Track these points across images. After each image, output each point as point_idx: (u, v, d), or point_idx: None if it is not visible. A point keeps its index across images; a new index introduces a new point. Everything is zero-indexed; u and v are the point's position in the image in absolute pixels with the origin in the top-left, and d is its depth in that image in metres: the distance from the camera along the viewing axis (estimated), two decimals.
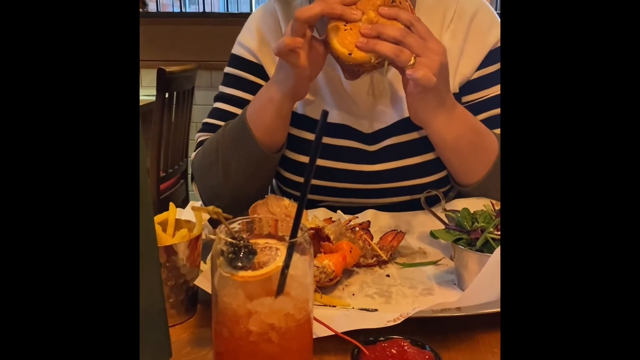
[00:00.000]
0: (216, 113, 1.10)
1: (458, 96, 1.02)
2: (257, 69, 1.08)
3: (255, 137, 0.95)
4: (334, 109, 1.03)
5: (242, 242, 0.50)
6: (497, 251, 0.66)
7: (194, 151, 1.10)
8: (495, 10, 3.19)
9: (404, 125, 1.01)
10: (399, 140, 1.02)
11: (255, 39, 1.07)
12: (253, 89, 1.06)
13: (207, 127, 1.10)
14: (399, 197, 1.05)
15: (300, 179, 1.06)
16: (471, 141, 0.93)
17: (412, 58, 0.82)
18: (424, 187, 1.00)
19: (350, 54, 0.84)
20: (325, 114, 0.50)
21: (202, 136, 1.10)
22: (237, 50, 1.10)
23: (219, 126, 1.06)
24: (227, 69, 1.11)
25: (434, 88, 0.84)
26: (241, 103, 1.07)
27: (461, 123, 0.91)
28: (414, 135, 1.01)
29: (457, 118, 0.91)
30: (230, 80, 1.10)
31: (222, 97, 1.10)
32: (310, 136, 1.04)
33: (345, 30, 0.84)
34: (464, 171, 0.96)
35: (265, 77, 1.07)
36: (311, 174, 0.52)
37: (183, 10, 3.94)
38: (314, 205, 1.06)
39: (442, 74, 0.84)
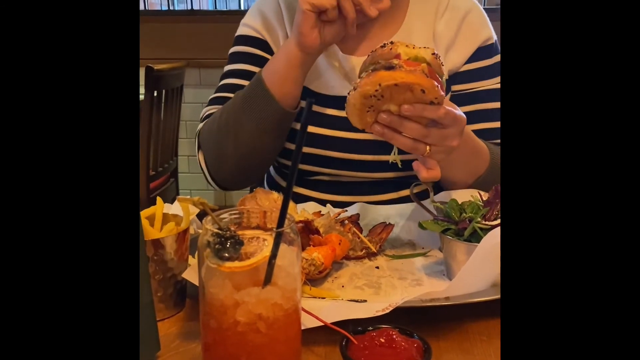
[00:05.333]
0: (224, 87, 1.11)
1: (448, 83, 1.05)
2: (263, 44, 1.11)
3: (268, 87, 0.96)
4: (336, 82, 1.06)
5: (228, 232, 0.50)
6: (484, 240, 0.66)
7: (201, 123, 1.10)
8: (483, 5, 3.17)
9: None
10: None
11: (259, 20, 1.11)
12: (260, 62, 1.07)
13: (215, 101, 1.11)
14: (387, 173, 1.07)
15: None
16: (465, 162, 0.94)
17: (428, 149, 0.79)
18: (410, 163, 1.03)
19: (364, 130, 0.81)
20: (310, 102, 0.50)
21: (210, 110, 1.10)
22: (241, 30, 1.14)
23: (228, 98, 1.06)
24: (232, 49, 1.14)
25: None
26: (249, 75, 1.07)
27: (460, 152, 0.88)
28: None
29: (458, 150, 0.87)
30: (236, 57, 1.12)
31: (228, 73, 1.12)
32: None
33: (367, 112, 0.78)
34: (452, 182, 0.99)
35: (270, 52, 1.10)
36: (297, 163, 0.52)
37: (171, 8, 3.91)
38: (306, 176, 1.09)
39: (450, 153, 0.82)
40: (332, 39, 0.94)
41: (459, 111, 0.80)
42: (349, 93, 0.78)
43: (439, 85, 0.74)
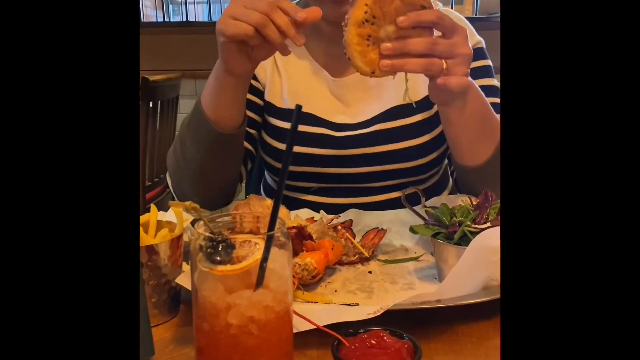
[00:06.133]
0: None
1: None
2: None
3: (204, 109, 0.93)
4: (327, 104, 1.08)
5: (220, 236, 0.51)
6: (473, 243, 0.68)
7: None
8: (475, 15, 3.18)
9: (388, 114, 1.05)
10: (384, 127, 1.05)
11: None
12: None
13: None
14: (380, 183, 1.08)
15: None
16: (483, 115, 0.92)
17: (444, 63, 0.78)
18: (403, 172, 1.06)
19: (373, 72, 0.78)
20: (298, 108, 0.51)
21: None
22: None
23: None
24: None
25: None
26: None
27: (476, 98, 0.89)
28: (397, 123, 1.05)
29: (473, 95, 0.88)
30: None
31: None
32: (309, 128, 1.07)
33: (369, 46, 0.76)
34: (471, 149, 0.95)
35: (253, 76, 1.09)
36: (287, 167, 0.53)
37: (166, 20, 3.94)
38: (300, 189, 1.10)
39: (469, 65, 0.81)
40: (265, 57, 0.86)
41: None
42: (342, 36, 0.77)
43: None
